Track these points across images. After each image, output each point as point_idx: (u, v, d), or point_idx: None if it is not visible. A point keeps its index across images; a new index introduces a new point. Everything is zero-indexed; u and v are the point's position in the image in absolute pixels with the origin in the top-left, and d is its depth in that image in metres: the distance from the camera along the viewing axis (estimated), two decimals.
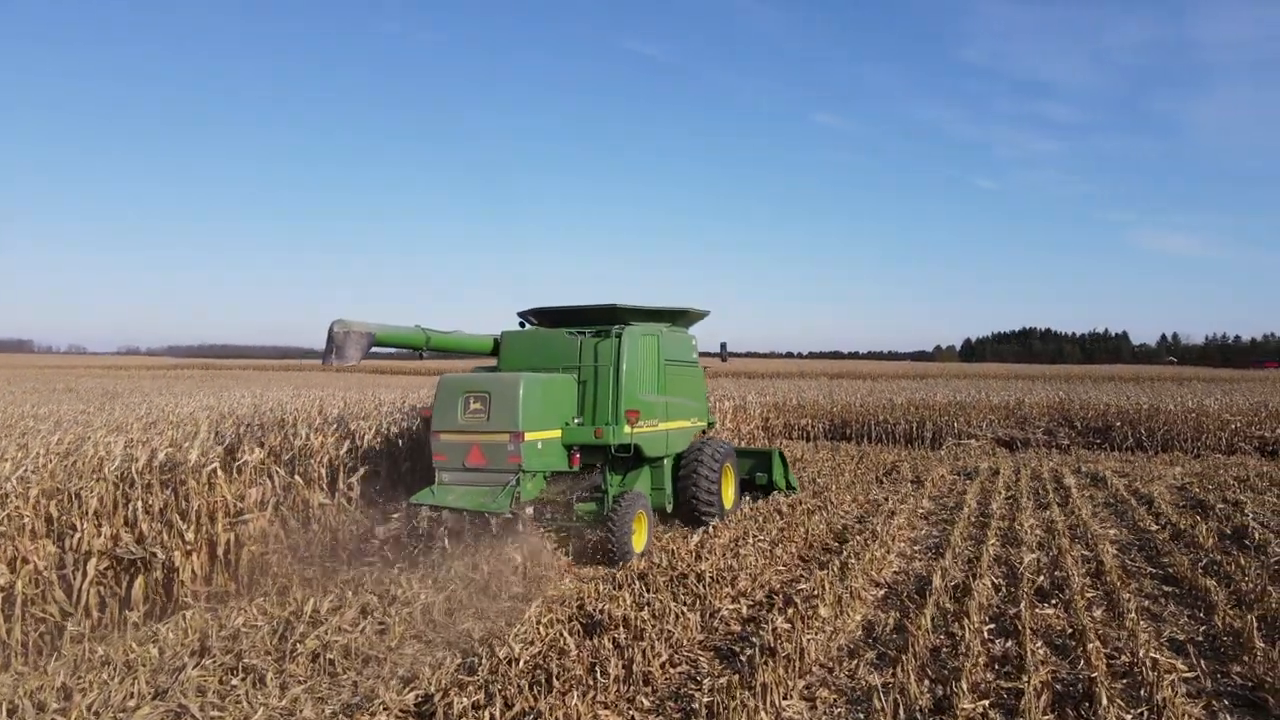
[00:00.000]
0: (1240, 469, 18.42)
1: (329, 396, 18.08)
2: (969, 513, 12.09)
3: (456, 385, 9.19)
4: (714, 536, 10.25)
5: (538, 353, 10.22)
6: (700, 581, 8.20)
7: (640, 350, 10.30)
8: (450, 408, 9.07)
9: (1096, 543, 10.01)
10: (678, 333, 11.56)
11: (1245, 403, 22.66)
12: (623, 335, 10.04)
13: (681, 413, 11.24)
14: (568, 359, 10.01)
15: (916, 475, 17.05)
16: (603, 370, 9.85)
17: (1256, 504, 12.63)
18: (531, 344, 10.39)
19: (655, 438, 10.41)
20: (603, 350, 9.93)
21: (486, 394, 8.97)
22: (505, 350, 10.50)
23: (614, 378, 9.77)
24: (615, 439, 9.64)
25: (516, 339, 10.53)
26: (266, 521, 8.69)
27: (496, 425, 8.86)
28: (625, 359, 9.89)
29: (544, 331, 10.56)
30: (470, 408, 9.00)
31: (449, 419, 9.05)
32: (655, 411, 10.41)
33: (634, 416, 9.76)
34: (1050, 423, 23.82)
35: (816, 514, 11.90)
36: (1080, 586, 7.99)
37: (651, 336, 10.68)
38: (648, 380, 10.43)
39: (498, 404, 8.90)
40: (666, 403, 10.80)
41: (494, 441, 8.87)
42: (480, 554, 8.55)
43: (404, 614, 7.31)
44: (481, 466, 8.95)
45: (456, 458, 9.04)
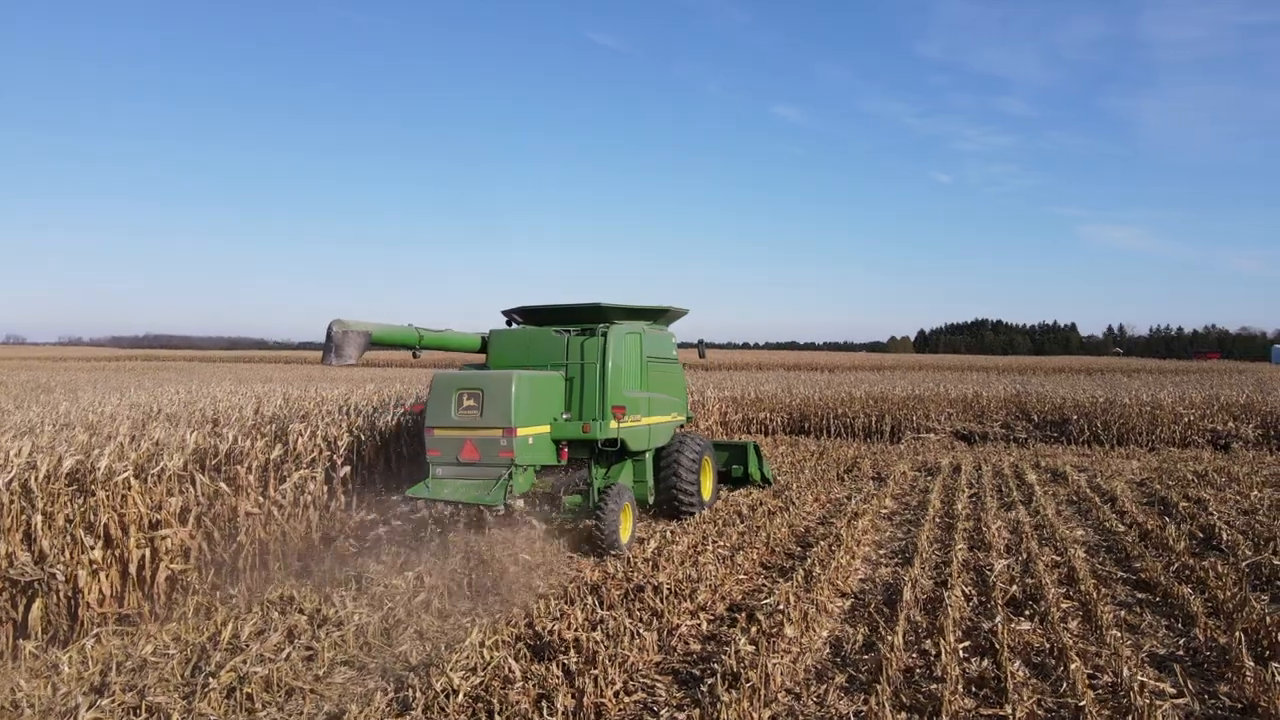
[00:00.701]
0: (1196, 462, 18.43)
1: (269, 393, 17.22)
2: (934, 513, 11.76)
3: (450, 382, 9.40)
4: (672, 543, 9.76)
5: (525, 351, 10.51)
6: (658, 594, 7.70)
7: (624, 348, 10.58)
8: (444, 404, 9.32)
9: (1065, 546, 9.71)
10: (659, 330, 11.83)
11: (1198, 396, 22.79)
12: (608, 334, 10.30)
13: (663, 408, 11.46)
14: (555, 357, 10.31)
15: (878, 471, 16.75)
16: (589, 368, 10.14)
17: (1219, 501, 12.48)
18: (519, 342, 10.64)
19: (638, 432, 10.65)
20: (589, 348, 10.23)
21: (480, 391, 9.23)
22: (494, 348, 10.77)
23: (600, 375, 10.10)
24: (602, 434, 9.94)
25: (504, 337, 10.77)
26: (187, 535, 7.98)
27: (490, 421, 9.14)
28: (610, 357, 10.20)
29: (531, 330, 10.75)
30: (464, 404, 9.27)
31: (443, 415, 9.31)
32: (638, 407, 10.66)
33: (620, 413, 10.07)
34: (1007, 416, 23.77)
35: (778, 516, 11.47)
36: (1054, 596, 7.63)
37: (634, 335, 10.95)
38: (631, 377, 10.71)
39: (491, 401, 9.16)
40: (649, 398, 11.02)
41: (487, 437, 9.15)
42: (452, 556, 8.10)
43: (335, 637, 6.70)
44: (475, 461, 9.21)
45: (450, 452, 9.29)
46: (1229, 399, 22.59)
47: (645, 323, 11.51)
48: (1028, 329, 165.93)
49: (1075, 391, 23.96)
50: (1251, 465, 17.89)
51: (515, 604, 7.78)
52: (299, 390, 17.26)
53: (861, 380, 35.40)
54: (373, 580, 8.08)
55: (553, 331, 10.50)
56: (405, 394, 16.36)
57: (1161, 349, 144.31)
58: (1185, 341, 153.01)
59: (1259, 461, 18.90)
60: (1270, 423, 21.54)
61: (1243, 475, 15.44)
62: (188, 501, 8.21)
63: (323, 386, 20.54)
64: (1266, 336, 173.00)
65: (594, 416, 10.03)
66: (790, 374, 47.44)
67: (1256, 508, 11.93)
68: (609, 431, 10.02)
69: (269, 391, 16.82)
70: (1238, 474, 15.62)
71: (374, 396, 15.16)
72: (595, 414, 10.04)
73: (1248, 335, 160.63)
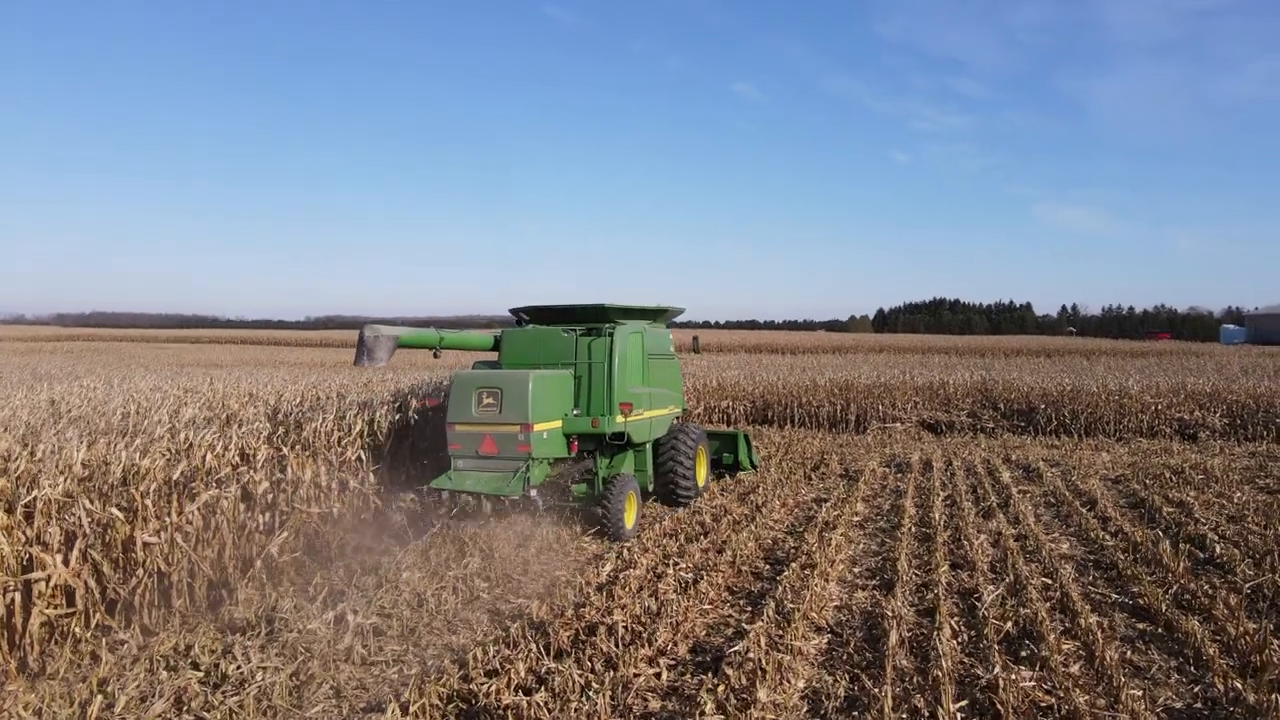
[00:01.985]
0: (1168, 455, 18.05)
1: (199, 386, 15.97)
2: (909, 522, 11.01)
3: (470, 381, 10.09)
4: (630, 566, 8.87)
5: (536, 350, 11.08)
6: (611, 636, 6.81)
7: (629, 348, 11.18)
8: (465, 402, 10.00)
9: (1053, 563, 9.01)
10: (658, 329, 12.51)
11: (1165, 384, 22.47)
12: (614, 334, 10.90)
13: (661, 401, 12.07)
14: (564, 356, 10.89)
15: (846, 468, 16.05)
16: (597, 367, 10.74)
17: (1203, 505, 11.92)
18: (530, 342, 11.18)
19: (641, 425, 11.29)
20: (596, 348, 10.82)
21: (499, 390, 9.92)
22: (505, 347, 11.29)
23: (608, 373, 10.70)
24: (610, 428, 10.63)
25: (515, 337, 11.29)
26: (70, 573, 6.90)
27: (508, 418, 9.84)
28: (617, 356, 10.81)
29: (541, 330, 11.25)
30: (483, 402, 9.94)
31: (464, 412, 10.00)
32: (641, 402, 11.24)
33: (627, 409, 10.77)
34: (974, 404, 23.28)
35: (744, 527, 10.64)
36: (1052, 634, 6.87)
37: (637, 334, 11.56)
38: (635, 374, 11.36)
39: (509, 399, 9.85)
40: (650, 393, 11.64)
41: (505, 432, 9.84)
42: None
43: (232, 703, 5.71)
44: (494, 454, 9.92)
45: (470, 446, 10.01)
46: (1195, 387, 22.30)
47: (646, 322, 12.12)
48: (984, 308, 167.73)
49: (1041, 379, 23.51)
50: (1223, 458, 17.51)
51: (449, 649, 6.85)
52: (240, 378, 15.97)
53: (825, 365, 34.82)
54: (287, 623, 7.08)
55: (561, 332, 11.04)
56: (346, 387, 15.26)
57: (1114, 329, 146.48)
58: (1136, 321, 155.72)
59: (1229, 453, 18.58)
60: (1236, 411, 21.29)
61: (1219, 471, 14.98)
62: (72, 530, 7.13)
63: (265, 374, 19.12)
64: (1214, 316, 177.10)
65: (602, 412, 10.66)
66: (752, 357, 46.80)
67: (1244, 513, 11.37)
68: (616, 426, 10.69)
69: (200, 384, 15.55)
70: (1213, 469, 15.17)
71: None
72: (603, 410, 10.66)
73: (1196, 315, 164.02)
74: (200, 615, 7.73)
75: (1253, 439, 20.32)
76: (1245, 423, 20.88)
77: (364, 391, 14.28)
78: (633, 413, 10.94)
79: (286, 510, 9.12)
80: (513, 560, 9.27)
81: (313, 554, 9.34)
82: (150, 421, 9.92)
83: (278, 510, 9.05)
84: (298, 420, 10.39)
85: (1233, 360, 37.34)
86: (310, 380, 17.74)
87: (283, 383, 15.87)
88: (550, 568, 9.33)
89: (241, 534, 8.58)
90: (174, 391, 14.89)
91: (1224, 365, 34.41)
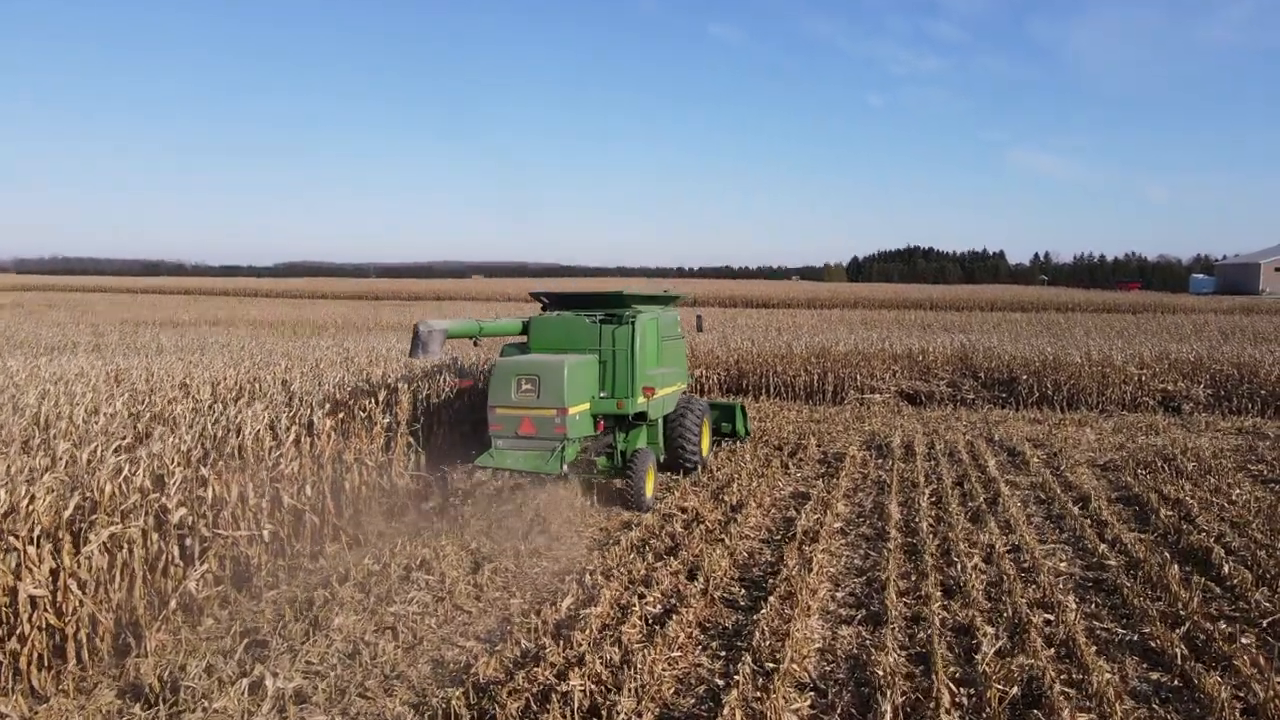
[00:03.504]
0: (1153, 432, 17.52)
1: (132, 369, 14.78)
2: (894, 529, 10.26)
3: (510, 368, 10.85)
4: (591, 601, 8.00)
5: (563, 336, 11.83)
6: (567, 707, 5.98)
7: (648, 334, 12.01)
8: (505, 386, 10.75)
9: (1052, 587, 8.29)
10: (669, 312, 13.52)
11: (1149, 353, 21.90)
12: (635, 323, 11.68)
13: (672, 379, 13.03)
14: (590, 342, 11.66)
15: (825, 452, 15.30)
16: (620, 353, 11.57)
17: (1202, 507, 11.26)
18: (557, 328, 11.92)
19: (656, 403, 12.28)
20: (619, 335, 11.61)
21: (537, 376, 10.67)
22: (534, 333, 12.03)
23: (630, 359, 11.55)
24: (633, 409, 11.62)
25: (543, 324, 12.03)
26: None
27: (546, 402, 10.59)
28: (638, 343, 11.63)
29: (567, 317, 11.98)
30: (522, 388, 10.70)
31: (504, 396, 10.75)
32: (657, 382, 12.16)
33: (650, 393, 11.83)
34: (953, 374, 22.61)
35: (718, 541, 9.83)
36: (1061, 699, 6.12)
37: (653, 320, 12.35)
38: (652, 357, 12.18)
39: (546, 385, 10.61)
40: (663, 373, 12.54)
41: (543, 415, 10.61)
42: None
43: None
44: (532, 435, 10.67)
45: (510, 428, 10.75)
46: (1179, 356, 21.77)
47: (658, 306, 13.18)
48: (958, 256, 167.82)
49: (1022, 348, 22.83)
50: (1211, 436, 17.02)
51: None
52: (181, 366, 14.74)
53: (801, 325, 34.08)
54: (194, 694, 6.16)
55: (586, 320, 11.77)
56: (290, 373, 14.18)
57: (1085, 277, 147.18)
58: (1108, 270, 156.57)
59: (1215, 429, 18.11)
60: (1220, 381, 20.81)
61: (1209, 455, 14.41)
62: None
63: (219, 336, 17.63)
64: (1183, 264, 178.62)
65: (626, 395, 11.55)
66: (725, 313, 45.92)
67: (1245, 516, 10.72)
68: (639, 406, 11.65)
69: (128, 371, 14.36)
70: (1203, 452, 14.59)
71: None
72: (626, 392, 11.55)
73: (1166, 264, 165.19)
74: (102, 671, 6.80)
75: (1238, 412, 19.84)
76: (1230, 394, 20.40)
77: (309, 377, 13.22)
78: (654, 386, 12.04)
79: (208, 536, 8.16)
80: (464, 588, 8.40)
81: (240, 584, 8.42)
82: (56, 431, 8.86)
83: (198, 535, 8.08)
84: (228, 425, 9.35)
85: (1209, 321, 37.03)
86: (257, 359, 16.59)
87: (223, 367, 14.69)
88: (505, 595, 8.48)
89: (154, 569, 7.62)
90: (103, 375, 13.75)
91: (1202, 327, 34.11)
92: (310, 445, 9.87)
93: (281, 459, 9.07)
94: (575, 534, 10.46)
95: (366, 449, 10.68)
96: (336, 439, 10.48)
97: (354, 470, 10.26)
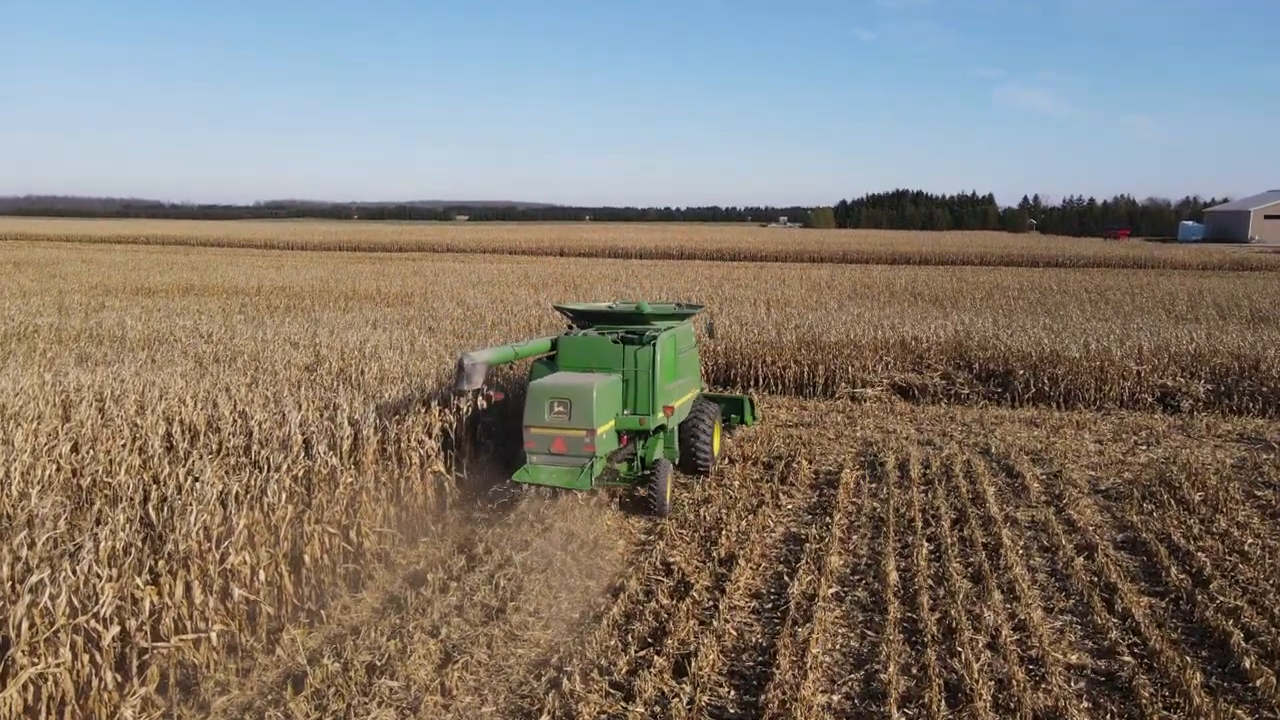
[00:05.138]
0: (1152, 438, 17.06)
1: (88, 388, 13.87)
2: (893, 600, 9.66)
3: (544, 391, 11.83)
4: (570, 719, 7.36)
5: (589, 356, 12.84)
6: None
7: (666, 352, 13.02)
8: (539, 408, 11.74)
9: (1064, 694, 7.73)
10: (685, 326, 14.53)
11: (1148, 346, 21.30)
12: (655, 344, 12.67)
13: (687, 389, 14.14)
14: (614, 362, 12.69)
15: (817, 474, 14.68)
16: (643, 374, 12.59)
17: (1212, 562, 10.68)
18: (584, 348, 12.92)
19: (676, 412, 13.32)
20: (641, 357, 12.62)
21: (568, 400, 11.66)
22: (563, 352, 13.02)
23: (651, 379, 12.58)
24: (654, 424, 12.65)
25: (571, 344, 13.02)
26: None
27: (577, 424, 11.62)
28: (658, 364, 12.65)
29: (592, 338, 12.95)
30: (554, 409, 11.67)
31: (538, 417, 11.75)
32: (674, 395, 13.19)
33: (669, 411, 12.87)
34: (947, 365, 21.98)
35: (707, 622, 9.19)
36: None
37: (671, 338, 13.31)
38: (670, 372, 13.13)
39: (577, 407, 11.62)
40: (680, 384, 13.58)
41: (574, 435, 11.66)
42: None
43: None
44: (563, 453, 11.76)
45: (544, 446, 11.80)
46: (1179, 348, 21.20)
47: (675, 321, 14.19)
48: (946, 200, 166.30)
49: (1018, 339, 22.16)
50: (1212, 444, 16.54)
51: None
52: (143, 378, 13.78)
53: (791, 300, 33.33)
54: None
55: (610, 340, 12.77)
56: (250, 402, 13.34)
57: (1074, 223, 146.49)
58: (1097, 215, 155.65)
59: (1216, 432, 17.65)
60: (1220, 375, 20.29)
61: (1213, 477, 13.88)
62: None
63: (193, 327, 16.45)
64: (1171, 206, 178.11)
65: (647, 412, 12.60)
66: (715, 277, 44.92)
67: (1262, 583, 10.13)
68: (659, 421, 12.71)
69: (81, 393, 13.43)
70: (1206, 472, 14.07)
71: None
72: (647, 410, 12.60)
73: (1155, 208, 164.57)
74: None
75: (1238, 411, 19.34)
76: (1230, 391, 19.88)
77: (271, 409, 12.39)
78: (673, 402, 13.02)
79: (147, 648, 7.45)
80: (432, 698, 7.74)
81: (186, 692, 7.74)
82: None
83: (135, 648, 7.37)
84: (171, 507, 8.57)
85: (1204, 292, 36.44)
86: (217, 378, 15.68)
87: (182, 388, 13.78)
88: (477, 699, 7.85)
89: (84, 696, 6.92)
90: (51, 403, 12.88)
91: (1198, 300, 33.58)
92: (265, 515, 9.12)
93: (231, 548, 8.29)
94: (554, 599, 9.82)
95: (328, 509, 9.94)
96: (297, 502, 9.75)
97: (315, 540, 9.52)
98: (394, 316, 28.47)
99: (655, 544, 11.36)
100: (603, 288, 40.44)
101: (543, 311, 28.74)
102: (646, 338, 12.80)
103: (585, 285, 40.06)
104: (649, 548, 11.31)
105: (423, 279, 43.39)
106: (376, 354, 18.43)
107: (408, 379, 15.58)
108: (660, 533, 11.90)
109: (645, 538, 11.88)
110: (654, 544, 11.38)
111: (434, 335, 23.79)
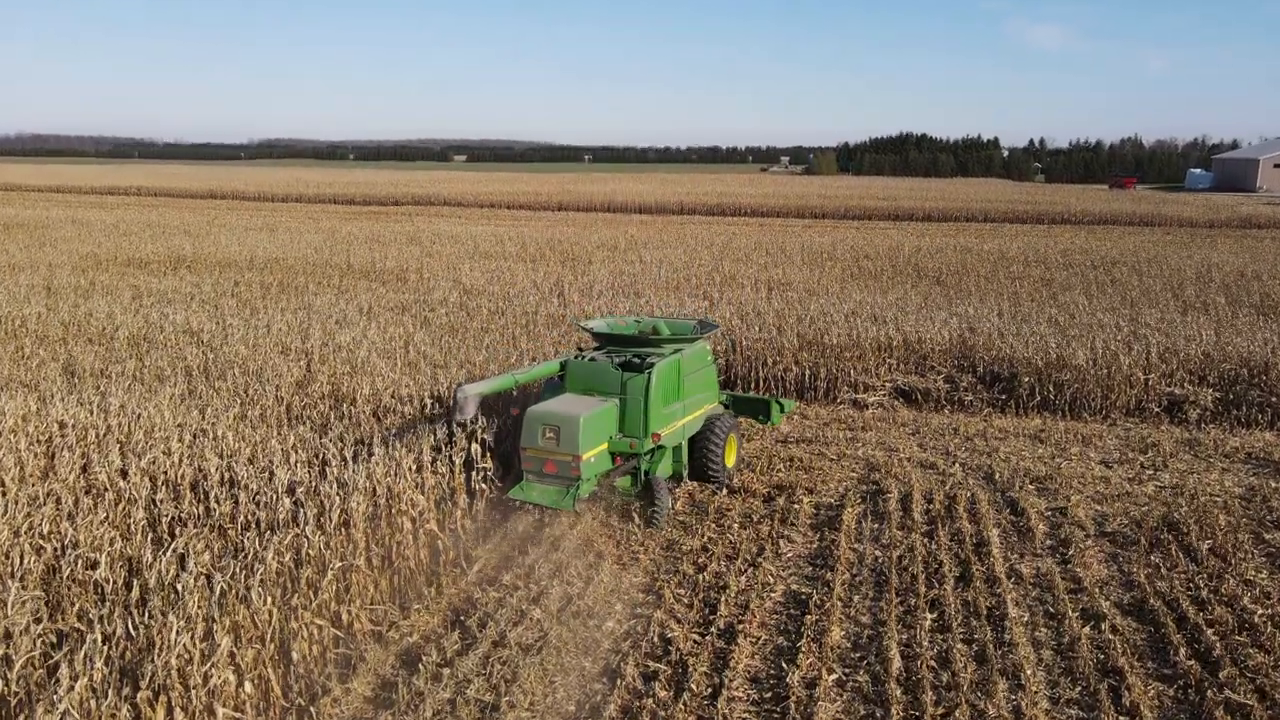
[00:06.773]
0: (1159, 458, 16.82)
1: (84, 422, 13.53)
2: (894, 688, 9.47)
3: (538, 417, 12.69)
4: None
5: (592, 380, 13.56)
6: None
7: (664, 379, 13.49)
8: (534, 432, 12.64)
9: None
10: (697, 344, 14.97)
11: (1156, 351, 20.89)
12: (651, 373, 13.19)
13: (696, 405, 14.69)
14: (613, 388, 13.35)
15: (818, 510, 14.43)
16: (637, 400, 13.18)
17: (1219, 633, 10.48)
18: (589, 372, 13.61)
19: (673, 434, 13.94)
20: (636, 384, 13.19)
21: (557, 427, 12.49)
22: (570, 375, 13.75)
23: (644, 406, 13.16)
24: (644, 449, 13.30)
25: (578, 367, 13.73)
26: None
27: (564, 449, 12.44)
28: (653, 391, 13.19)
29: (598, 363, 13.62)
30: (545, 435, 12.54)
31: (532, 440, 12.65)
32: (674, 417, 13.82)
33: (657, 438, 13.40)
34: (951, 368, 21.63)
35: (700, 709, 9.00)
36: None
37: (672, 364, 13.80)
38: (670, 395, 13.74)
39: (564, 435, 12.42)
40: (684, 405, 14.15)
41: (563, 459, 12.50)
42: None
43: None
44: (554, 474, 12.64)
45: (537, 467, 12.72)
46: (1187, 354, 20.82)
47: (687, 342, 14.65)
48: (951, 145, 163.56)
49: (1025, 342, 21.73)
50: (1220, 469, 16.29)
51: None
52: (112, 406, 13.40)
53: (793, 281, 32.87)
54: None
55: (611, 366, 13.42)
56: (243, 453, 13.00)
57: (1080, 168, 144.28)
58: (1104, 160, 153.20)
59: (1223, 450, 17.40)
60: (1229, 382, 19.96)
61: (1221, 518, 13.65)
62: None
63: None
64: (1180, 150, 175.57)
65: (638, 435, 13.26)
66: (713, 235, 44.22)
67: (1272, 673, 9.91)
68: (649, 446, 13.38)
69: (64, 439, 13.07)
70: (1214, 512, 13.83)
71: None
72: (639, 434, 13.27)
73: (1164, 152, 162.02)
74: None
75: (1246, 424, 19.03)
76: (1238, 400, 19.57)
77: (259, 464, 12.08)
78: (665, 426, 13.54)
79: None
80: None
81: None
82: None
83: None
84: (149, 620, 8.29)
85: (1213, 270, 35.84)
86: (206, 400, 15.31)
87: (164, 435, 13.43)
88: None
89: None
90: (36, 454, 12.58)
91: (1206, 279, 33.09)
92: (251, 616, 8.85)
93: (214, 670, 8.03)
94: (550, 686, 9.62)
95: (316, 598, 9.67)
96: (284, 584, 9.49)
97: (301, 637, 9.27)
98: (389, 301, 28.08)
99: (653, 614, 11.13)
100: (601, 258, 39.87)
101: (541, 297, 28.30)
102: (645, 364, 13.44)
103: (583, 257, 39.55)
104: (646, 619, 11.08)
105: (419, 248, 42.73)
106: (368, 364, 18.09)
107: (399, 407, 15.28)
108: (658, 593, 11.68)
109: (643, 597, 11.66)
110: (651, 614, 11.15)
111: (428, 328, 23.48)
